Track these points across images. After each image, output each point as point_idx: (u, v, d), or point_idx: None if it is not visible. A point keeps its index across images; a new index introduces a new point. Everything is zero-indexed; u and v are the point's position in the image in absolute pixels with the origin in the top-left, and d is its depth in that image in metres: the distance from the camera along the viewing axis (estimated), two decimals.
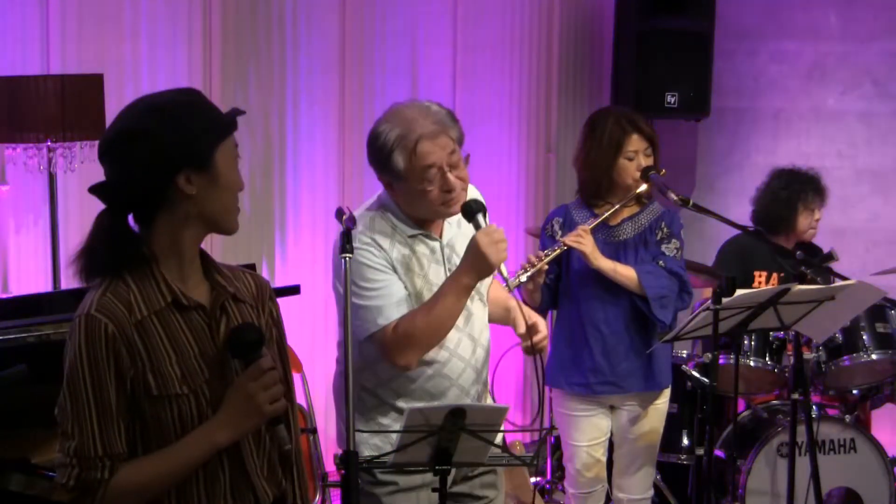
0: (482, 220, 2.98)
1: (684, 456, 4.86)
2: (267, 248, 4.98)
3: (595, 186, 4.02)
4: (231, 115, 2.25)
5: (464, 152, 3.05)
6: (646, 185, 3.95)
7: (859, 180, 6.27)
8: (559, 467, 5.00)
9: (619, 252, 3.98)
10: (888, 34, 6.18)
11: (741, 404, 4.86)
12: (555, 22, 6.19)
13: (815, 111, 6.34)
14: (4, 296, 4.10)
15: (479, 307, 3.17)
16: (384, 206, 3.12)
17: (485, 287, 3.20)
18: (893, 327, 4.80)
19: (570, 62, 6.32)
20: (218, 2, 4.72)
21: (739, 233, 4.85)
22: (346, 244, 2.71)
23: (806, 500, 4.33)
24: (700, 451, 4.47)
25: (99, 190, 2.19)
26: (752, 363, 4.72)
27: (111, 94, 4.06)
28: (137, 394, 2.16)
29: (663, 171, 3.98)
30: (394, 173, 2.99)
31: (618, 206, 3.96)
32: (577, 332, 4.01)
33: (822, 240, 5.04)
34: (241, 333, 2.24)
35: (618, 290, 3.92)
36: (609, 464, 4.21)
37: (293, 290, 3.98)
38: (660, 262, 3.95)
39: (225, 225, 2.26)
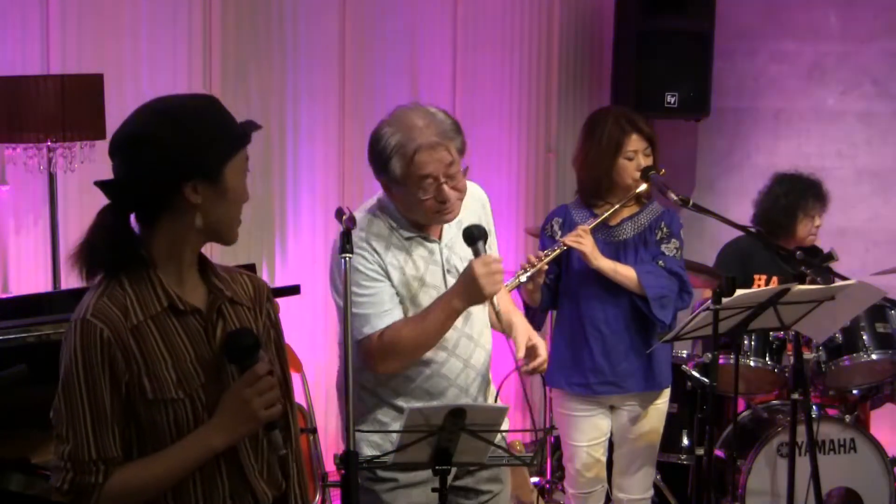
0: (482, 247, 3.00)
1: (684, 456, 4.86)
2: (267, 248, 4.98)
3: (594, 186, 4.02)
4: (245, 129, 2.23)
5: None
6: (645, 185, 3.95)
7: (859, 180, 6.26)
8: (559, 467, 5.00)
9: (618, 252, 3.98)
10: (888, 34, 6.17)
11: (741, 404, 4.86)
12: (555, 22, 6.19)
13: (815, 111, 6.33)
14: (4, 296, 4.09)
15: (478, 308, 3.16)
16: (383, 207, 3.12)
17: None
18: (893, 327, 4.80)
19: (570, 62, 6.32)
20: (218, 2, 4.72)
21: (739, 235, 4.85)
22: (346, 244, 2.71)
23: (806, 500, 4.33)
24: (700, 451, 4.46)
25: (105, 186, 2.19)
26: (752, 363, 4.72)
27: (111, 94, 4.06)
28: (133, 398, 2.15)
29: (663, 171, 3.98)
30: (391, 177, 3.00)
31: (617, 206, 3.96)
32: (577, 332, 4.01)
33: (823, 240, 5.03)
34: (236, 338, 2.23)
35: (618, 290, 3.92)
36: (609, 464, 4.21)
37: (293, 290, 3.99)
38: (659, 262, 3.94)
39: (226, 236, 2.26)
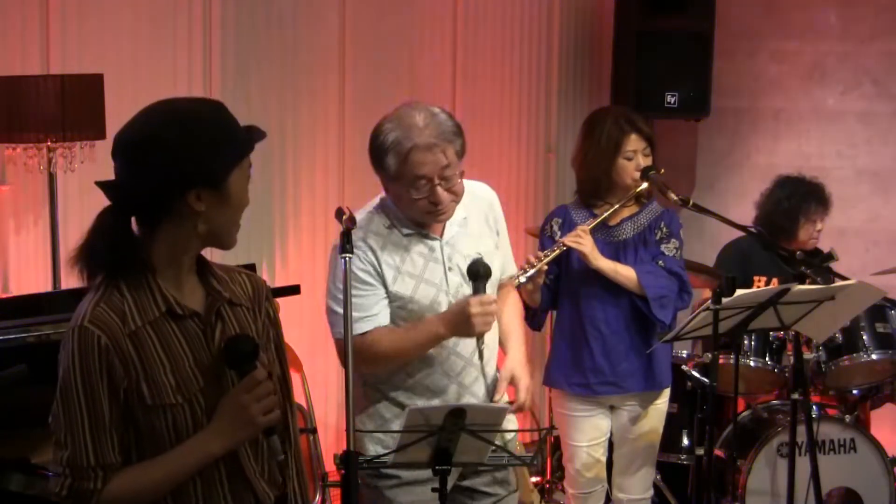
0: (483, 286, 3.04)
1: (684, 456, 4.86)
2: (267, 248, 4.98)
3: (594, 186, 4.02)
4: (250, 136, 2.22)
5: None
6: (645, 185, 3.95)
7: (859, 180, 6.26)
8: (559, 467, 5.00)
9: (618, 252, 3.98)
10: (888, 34, 6.17)
11: (741, 404, 4.86)
12: (555, 22, 6.18)
13: (815, 111, 6.33)
14: (4, 296, 4.09)
15: None
16: (384, 204, 3.16)
17: (491, 288, 3.21)
18: (893, 327, 4.80)
19: (570, 62, 6.31)
20: (218, 2, 4.72)
21: (739, 236, 4.85)
22: (346, 244, 2.72)
23: (806, 500, 4.32)
24: (700, 451, 4.47)
25: (107, 187, 2.18)
26: (752, 363, 4.72)
27: (111, 94, 4.06)
28: (131, 403, 2.15)
29: (662, 171, 3.98)
30: (386, 173, 3.05)
31: (617, 206, 3.96)
32: (577, 332, 4.01)
33: (823, 240, 5.03)
34: (235, 344, 2.22)
35: (618, 290, 3.92)
36: (609, 464, 4.20)
37: (293, 290, 3.99)
38: (659, 262, 3.94)
39: (226, 241, 2.25)
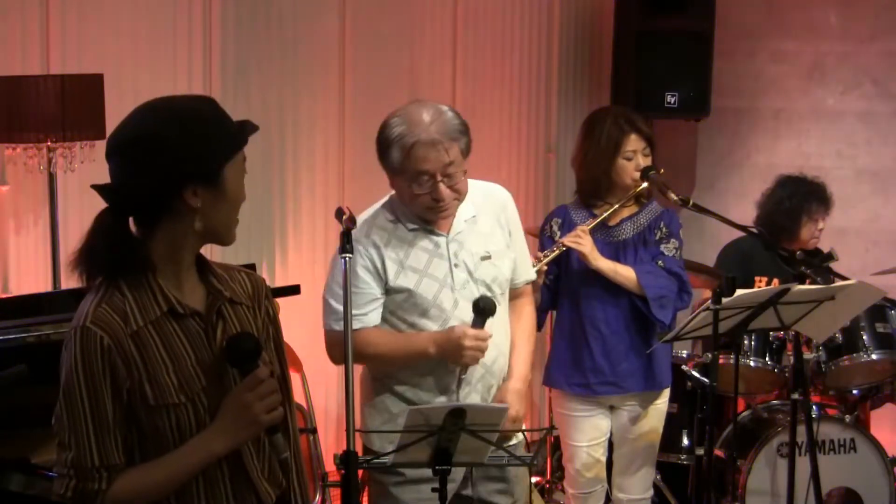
0: (482, 322, 3.07)
1: (684, 456, 4.86)
2: (267, 248, 4.98)
3: (594, 186, 4.02)
4: (243, 130, 2.23)
5: None
6: (645, 185, 3.95)
7: (859, 180, 6.26)
8: (559, 467, 5.00)
9: (618, 252, 3.98)
10: (888, 34, 6.17)
11: (741, 404, 4.86)
12: (555, 22, 6.18)
13: (815, 111, 6.33)
14: (4, 296, 4.09)
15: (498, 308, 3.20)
16: (391, 200, 3.21)
17: (499, 287, 3.22)
18: (893, 327, 4.80)
19: (570, 62, 6.31)
20: (218, 1, 4.72)
21: (740, 236, 4.84)
22: (346, 244, 2.73)
23: (806, 500, 4.32)
24: (700, 451, 4.47)
25: (103, 190, 2.17)
26: (752, 363, 4.72)
27: (111, 94, 4.06)
28: (134, 403, 2.15)
29: (662, 171, 3.98)
30: (390, 166, 3.09)
31: (617, 207, 3.96)
32: (576, 332, 4.01)
33: (823, 240, 5.03)
34: (237, 343, 2.22)
35: (617, 290, 3.92)
36: (609, 464, 4.20)
37: (293, 289, 3.99)
38: (659, 262, 3.94)
39: (225, 237, 2.26)
